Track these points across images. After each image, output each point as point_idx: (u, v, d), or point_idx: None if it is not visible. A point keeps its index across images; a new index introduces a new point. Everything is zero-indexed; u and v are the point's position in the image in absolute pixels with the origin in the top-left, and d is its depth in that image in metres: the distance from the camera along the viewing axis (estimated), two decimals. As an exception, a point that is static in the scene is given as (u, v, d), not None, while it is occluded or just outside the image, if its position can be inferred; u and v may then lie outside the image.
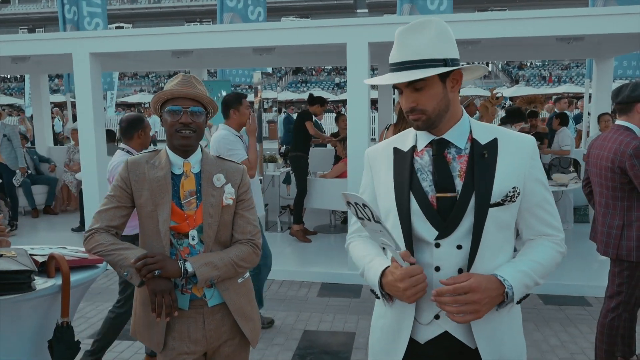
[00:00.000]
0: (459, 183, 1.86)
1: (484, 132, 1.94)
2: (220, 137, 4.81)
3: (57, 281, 2.40)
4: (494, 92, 8.58)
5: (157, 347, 2.52)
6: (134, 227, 4.06)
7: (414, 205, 1.89)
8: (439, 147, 1.91)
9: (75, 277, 2.45)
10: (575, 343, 4.83)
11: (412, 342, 1.95)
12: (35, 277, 2.33)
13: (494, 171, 1.87)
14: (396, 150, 2.00)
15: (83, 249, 2.58)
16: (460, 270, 1.86)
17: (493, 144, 1.90)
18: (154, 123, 16.24)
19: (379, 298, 1.98)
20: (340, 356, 4.66)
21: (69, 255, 2.57)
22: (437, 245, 1.86)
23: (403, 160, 1.95)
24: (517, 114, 9.08)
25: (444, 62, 1.81)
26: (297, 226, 8.08)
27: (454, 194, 1.86)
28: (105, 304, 5.87)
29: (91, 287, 5.73)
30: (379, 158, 2.05)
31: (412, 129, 2.01)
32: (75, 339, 2.47)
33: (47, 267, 2.48)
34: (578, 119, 15.28)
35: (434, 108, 1.85)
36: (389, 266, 1.89)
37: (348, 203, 1.82)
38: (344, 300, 5.94)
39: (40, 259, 2.50)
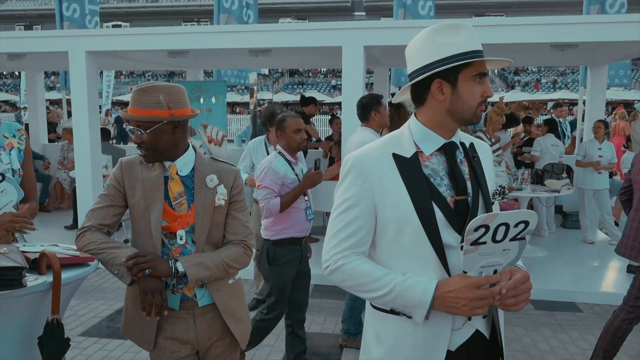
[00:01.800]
0: (468, 185, 1.92)
1: (463, 136, 2.03)
2: (360, 141, 4.53)
3: (48, 278, 2.40)
4: (503, 101, 8.58)
5: (147, 346, 2.53)
6: (276, 233, 4.12)
7: (438, 213, 1.85)
8: (452, 150, 1.94)
9: (66, 275, 2.45)
10: (565, 349, 4.86)
11: None
12: (27, 274, 2.33)
13: (483, 172, 1.98)
14: (397, 157, 1.91)
15: (75, 247, 2.59)
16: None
17: (473, 147, 2.02)
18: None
19: (410, 317, 1.86)
20: (330, 358, 4.67)
21: (60, 252, 2.57)
22: (462, 249, 1.83)
23: (411, 167, 1.88)
24: (512, 119, 9.12)
25: None
26: None
27: (466, 195, 1.90)
28: (97, 302, 5.87)
29: (83, 285, 5.74)
30: (376, 166, 1.90)
31: (400, 131, 1.99)
32: (66, 336, 2.47)
33: (38, 264, 2.48)
34: (573, 125, 15.34)
35: None
36: (440, 280, 1.82)
37: (479, 228, 1.70)
38: (335, 302, 5.95)
39: (31, 256, 2.50)
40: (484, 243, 1.73)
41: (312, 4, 52.59)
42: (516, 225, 1.72)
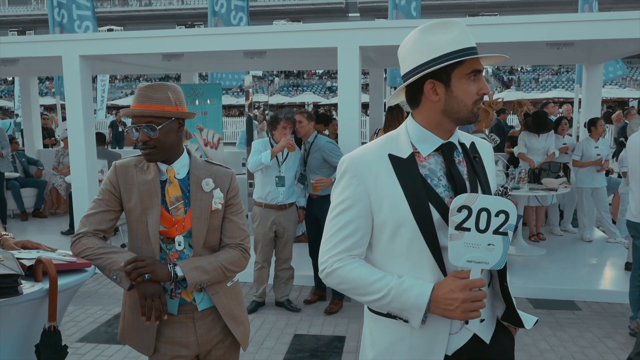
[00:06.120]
0: (467, 186, 1.86)
1: (463, 136, 1.99)
2: None
3: (45, 285, 2.37)
4: (494, 97, 8.61)
5: (147, 351, 2.51)
6: None
7: (435, 214, 1.80)
8: (450, 151, 1.89)
9: (62, 281, 2.42)
10: (564, 347, 4.84)
11: None
12: (22, 281, 2.31)
13: (485, 172, 1.96)
14: (393, 158, 1.87)
15: (71, 253, 2.56)
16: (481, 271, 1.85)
17: (474, 147, 1.98)
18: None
19: (406, 322, 1.82)
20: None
21: (56, 258, 2.54)
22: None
23: (407, 168, 1.84)
24: (540, 123, 9.01)
25: None
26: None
27: None
28: (95, 308, 5.84)
29: (80, 291, 5.71)
30: (372, 167, 1.86)
31: (396, 132, 1.95)
32: (63, 344, 2.44)
33: (34, 271, 2.45)
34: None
35: None
36: (436, 282, 1.79)
37: (462, 209, 1.70)
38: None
39: (27, 263, 2.47)
40: (468, 230, 1.71)
41: (306, 5, 52.66)
42: (497, 215, 1.70)
